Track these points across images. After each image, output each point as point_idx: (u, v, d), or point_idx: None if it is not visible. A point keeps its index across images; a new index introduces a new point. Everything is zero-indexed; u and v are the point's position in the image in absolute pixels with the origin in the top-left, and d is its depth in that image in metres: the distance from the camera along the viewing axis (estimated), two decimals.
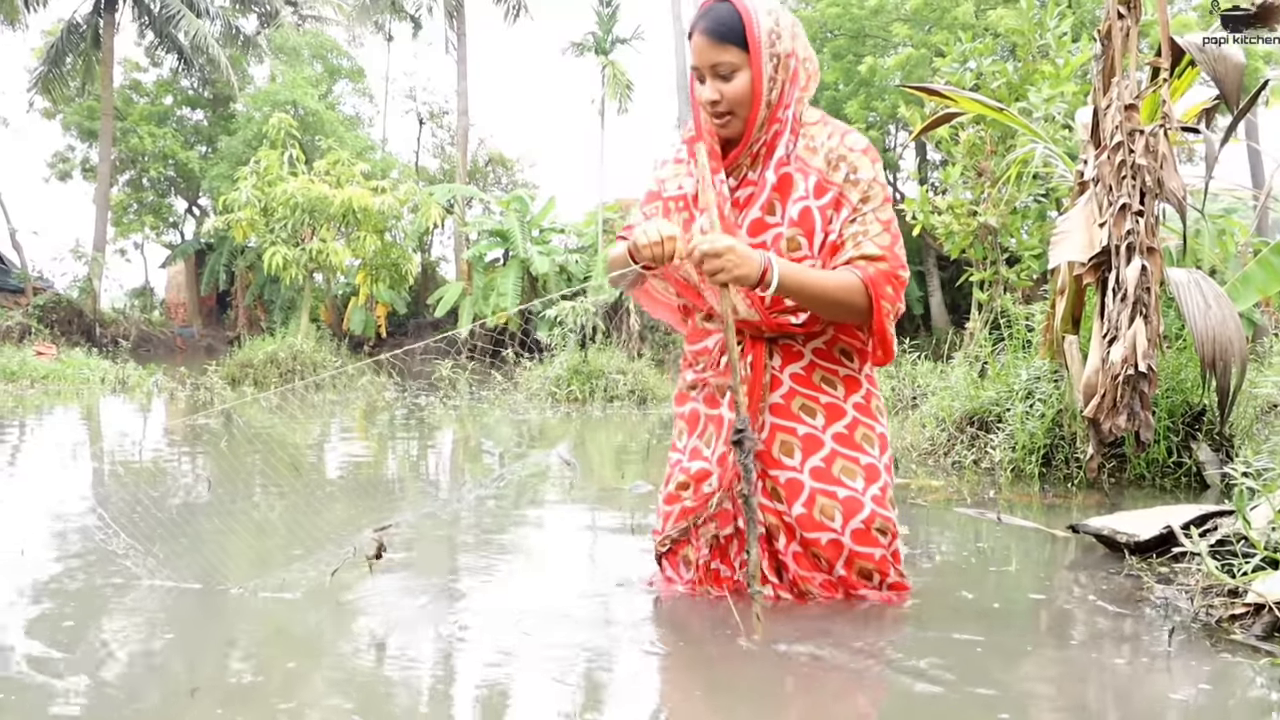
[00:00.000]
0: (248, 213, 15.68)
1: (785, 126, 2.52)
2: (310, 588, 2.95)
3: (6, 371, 12.39)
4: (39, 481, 5.49)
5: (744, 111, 2.49)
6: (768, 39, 2.44)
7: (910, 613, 2.61)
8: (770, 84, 2.47)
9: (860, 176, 2.49)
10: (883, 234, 2.49)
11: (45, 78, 30.15)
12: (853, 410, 2.64)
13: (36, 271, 28.91)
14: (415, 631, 2.56)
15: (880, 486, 2.62)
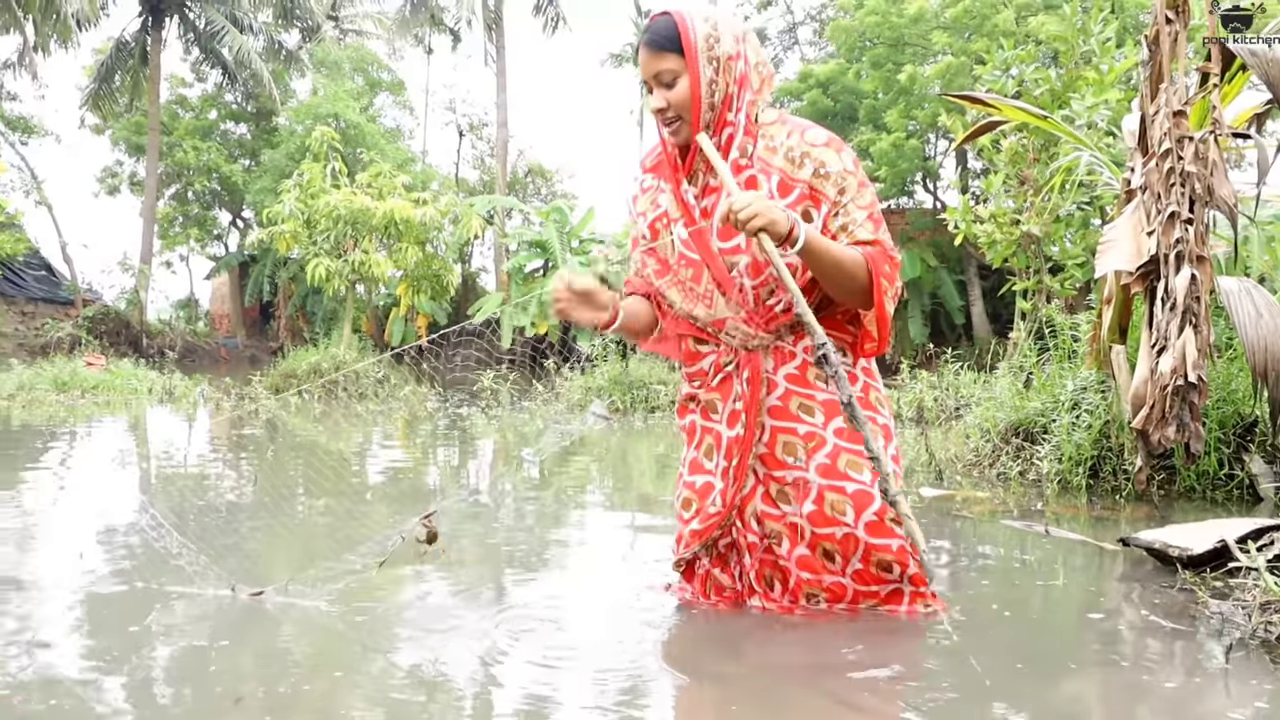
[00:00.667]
0: (291, 225, 15.82)
1: (738, 129, 2.55)
2: (356, 594, 2.96)
3: (58, 382, 12.56)
4: (94, 488, 5.57)
5: (689, 115, 2.53)
6: (704, 44, 2.49)
7: (949, 627, 2.58)
8: (710, 86, 2.51)
9: (830, 170, 2.52)
10: (867, 221, 2.52)
11: (95, 94, 30.62)
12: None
13: (86, 284, 29.37)
14: (455, 640, 2.56)
15: (887, 475, 2.61)
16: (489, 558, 3.70)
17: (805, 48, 31.43)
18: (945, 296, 22.51)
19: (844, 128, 23.67)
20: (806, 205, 2.51)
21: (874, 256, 2.48)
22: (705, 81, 2.50)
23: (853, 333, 2.68)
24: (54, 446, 7.64)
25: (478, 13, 30.65)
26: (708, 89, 2.50)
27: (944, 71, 19.46)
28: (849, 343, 2.68)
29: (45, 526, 4.32)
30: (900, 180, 22.29)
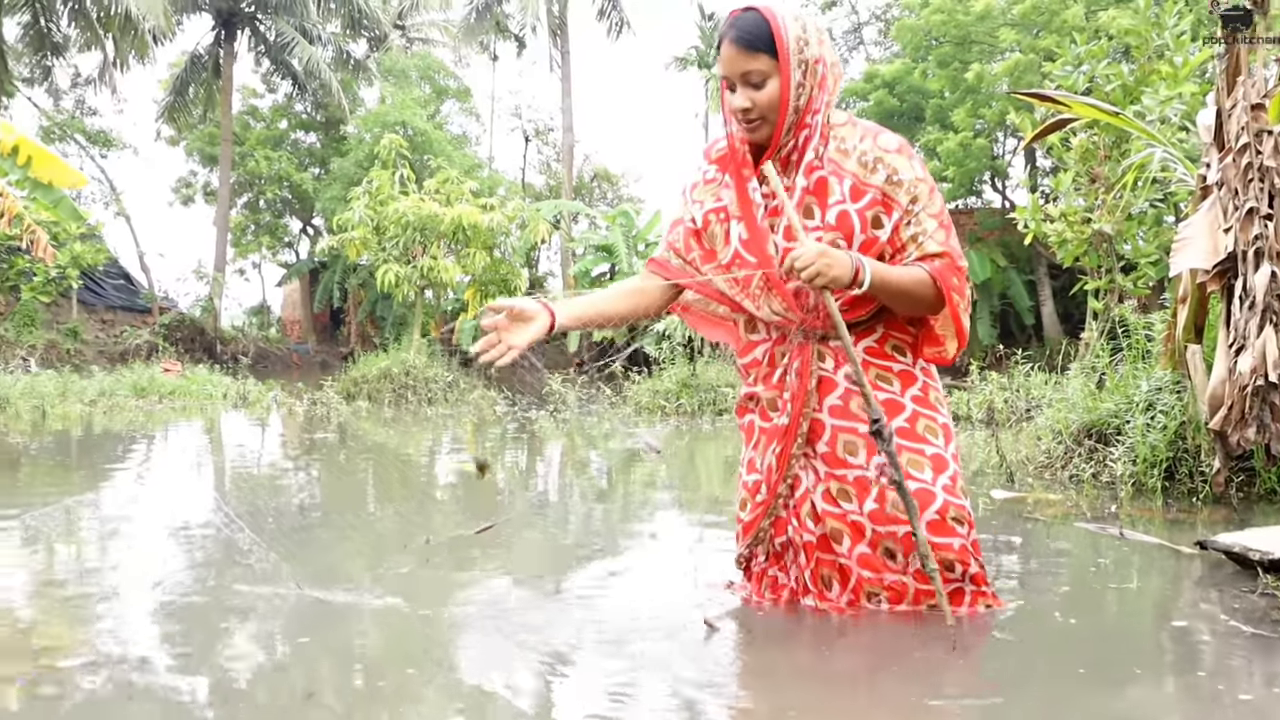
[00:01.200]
0: (360, 232, 16.04)
1: (814, 131, 2.54)
2: (426, 593, 3.00)
3: (137, 388, 12.85)
4: (172, 491, 5.69)
5: (773, 117, 2.51)
6: (796, 45, 2.46)
7: (1013, 631, 2.55)
8: (798, 90, 2.48)
9: (902, 177, 2.52)
10: (939, 230, 2.53)
11: (171, 107, 31.32)
12: (911, 403, 2.65)
13: (162, 292, 30.01)
14: (523, 638, 2.59)
15: (950, 476, 2.62)
16: (556, 557, 3.73)
17: (870, 48, 31.20)
18: (1014, 297, 22.21)
19: (910, 128, 23.46)
20: (878, 211, 2.51)
21: (942, 272, 2.50)
22: (794, 85, 2.47)
23: (913, 332, 2.68)
24: (134, 451, 7.82)
25: (542, 19, 30.85)
26: (795, 93, 2.48)
27: (1012, 69, 19.19)
28: (909, 343, 2.68)
29: (126, 527, 4.42)
30: (968, 180, 22.03)
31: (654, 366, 12.46)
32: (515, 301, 2.53)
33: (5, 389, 11.32)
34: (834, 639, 2.56)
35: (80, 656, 2.47)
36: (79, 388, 12.35)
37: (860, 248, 2.51)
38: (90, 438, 8.56)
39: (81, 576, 3.34)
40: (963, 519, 2.59)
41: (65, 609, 2.99)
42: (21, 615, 2.95)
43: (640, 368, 13.62)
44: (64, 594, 3.14)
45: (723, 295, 2.73)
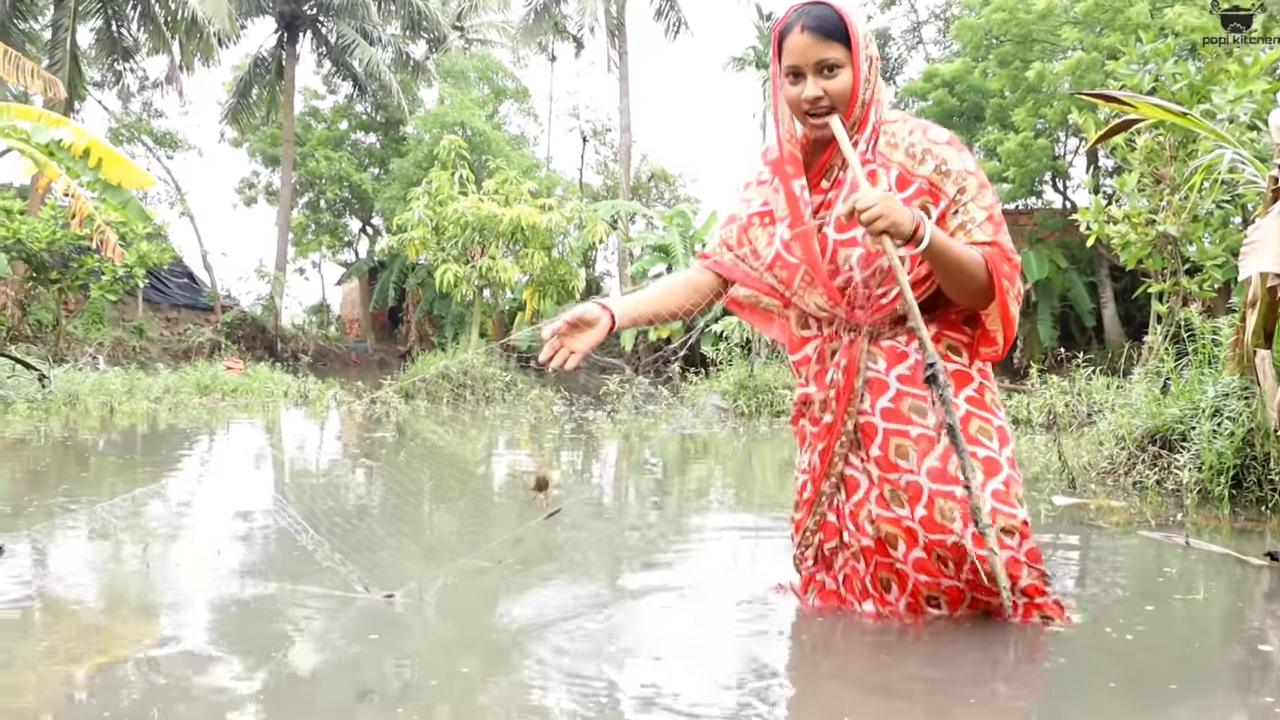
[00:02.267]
0: (420, 232, 16.18)
1: (869, 126, 2.56)
2: (483, 593, 3.03)
3: (200, 385, 13.06)
4: (233, 488, 5.79)
5: (843, 108, 2.51)
6: (864, 39, 2.49)
7: (1071, 641, 2.51)
8: (865, 83, 2.51)
9: (951, 168, 2.51)
10: (986, 223, 2.49)
11: (234, 109, 31.88)
12: (966, 404, 2.59)
13: (225, 290, 30.51)
14: (580, 639, 2.60)
15: (1002, 480, 2.54)
16: (611, 558, 3.74)
17: (930, 47, 30.92)
18: (1075, 299, 21.90)
19: (970, 127, 23.23)
20: (924, 200, 2.50)
21: (993, 256, 2.46)
22: (863, 78, 2.49)
23: (969, 333, 2.66)
24: (198, 448, 7.97)
25: (600, 20, 30.95)
26: (864, 85, 2.50)
27: (1074, 68, 18.91)
28: (964, 343, 2.65)
29: (189, 523, 4.51)
30: (1029, 180, 21.74)
31: (711, 368, 12.44)
32: (576, 310, 2.54)
33: (75, 385, 11.56)
34: (886, 643, 2.54)
35: (141, 650, 2.53)
36: (144, 385, 12.57)
37: (870, 265, 2.52)
38: (156, 434, 8.73)
39: (144, 570, 3.41)
40: (1013, 529, 2.51)
41: (128, 603, 3.06)
42: (85, 608, 3.02)
43: (697, 369, 13.60)
44: (126, 588, 3.21)
45: (772, 289, 2.73)
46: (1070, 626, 2.59)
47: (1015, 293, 2.52)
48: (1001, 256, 2.47)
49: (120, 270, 19.76)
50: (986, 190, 2.53)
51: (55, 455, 7.02)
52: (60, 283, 19.97)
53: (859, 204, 2.31)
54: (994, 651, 2.46)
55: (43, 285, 20.20)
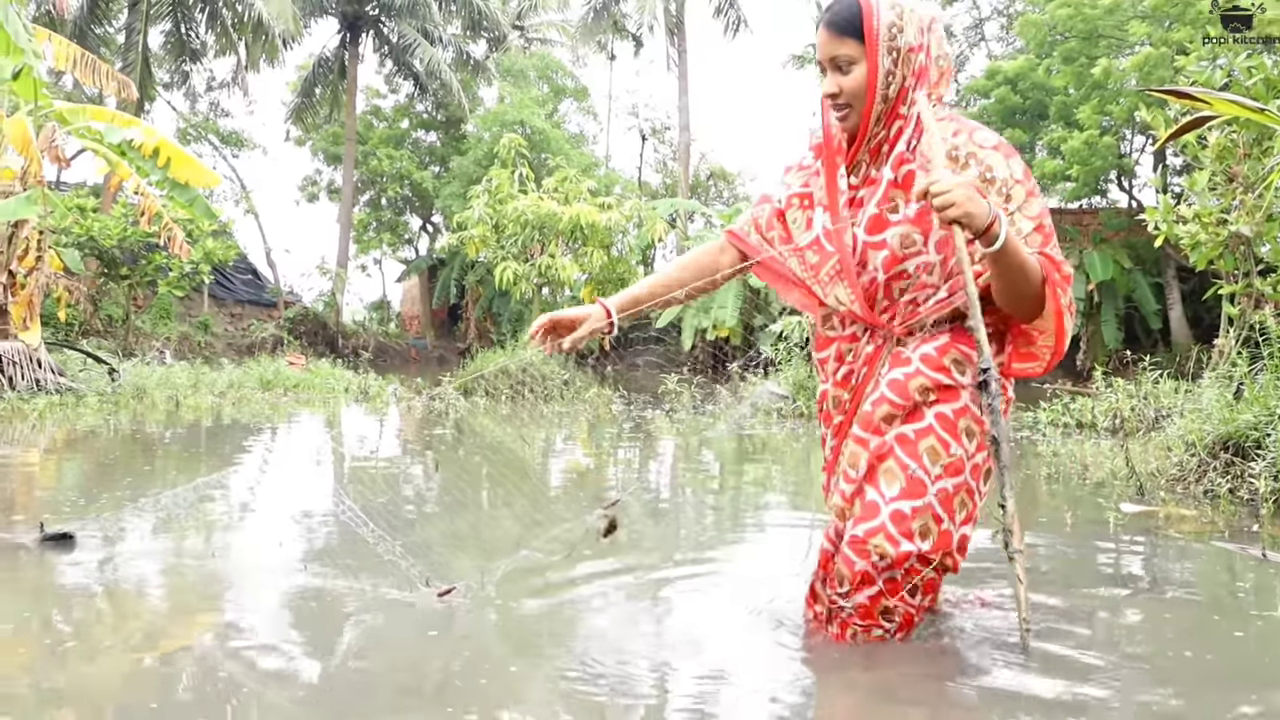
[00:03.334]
0: (480, 230, 16.30)
1: (908, 123, 2.47)
2: (533, 591, 3.06)
3: (263, 380, 13.26)
4: (294, 483, 5.88)
5: (860, 105, 2.45)
6: (887, 32, 2.40)
7: (1146, 651, 2.47)
8: (887, 78, 2.42)
9: (996, 175, 2.41)
10: (1035, 233, 2.39)
11: (298, 108, 32.36)
12: (933, 419, 2.46)
13: (288, 287, 30.92)
14: (629, 641, 2.62)
15: (911, 507, 2.39)
16: (665, 559, 3.74)
17: (992, 44, 30.57)
18: (1140, 300, 21.52)
19: (1033, 125, 22.94)
20: None
21: (1045, 265, 2.37)
22: (882, 73, 2.41)
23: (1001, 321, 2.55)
24: (261, 442, 8.10)
25: (659, 18, 30.97)
26: (883, 80, 2.42)
27: (1141, 64, 18.60)
28: (971, 360, 2.50)
29: (251, 516, 4.59)
30: (1093, 179, 21.39)
31: (770, 368, 12.39)
32: (560, 313, 2.63)
33: (143, 379, 11.79)
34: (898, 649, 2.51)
35: (199, 640, 2.60)
36: (209, 379, 12.78)
37: (938, 245, 2.44)
38: (221, 429, 8.87)
39: (208, 561, 3.47)
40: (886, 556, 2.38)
41: (190, 593, 3.13)
42: (148, 598, 3.08)
43: (756, 368, 13.56)
44: (190, 579, 3.27)
45: (796, 278, 2.69)
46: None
47: (1068, 303, 2.42)
48: (1053, 267, 2.37)
49: (187, 267, 20.15)
50: (1035, 199, 2.43)
51: (124, 448, 7.17)
52: (130, 279, 20.40)
53: (934, 186, 2.23)
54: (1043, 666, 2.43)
55: (113, 281, 20.64)
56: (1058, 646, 2.56)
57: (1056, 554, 3.88)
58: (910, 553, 2.38)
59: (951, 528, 2.42)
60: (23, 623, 2.78)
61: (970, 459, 2.45)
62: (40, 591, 3.13)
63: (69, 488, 5.37)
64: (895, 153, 2.47)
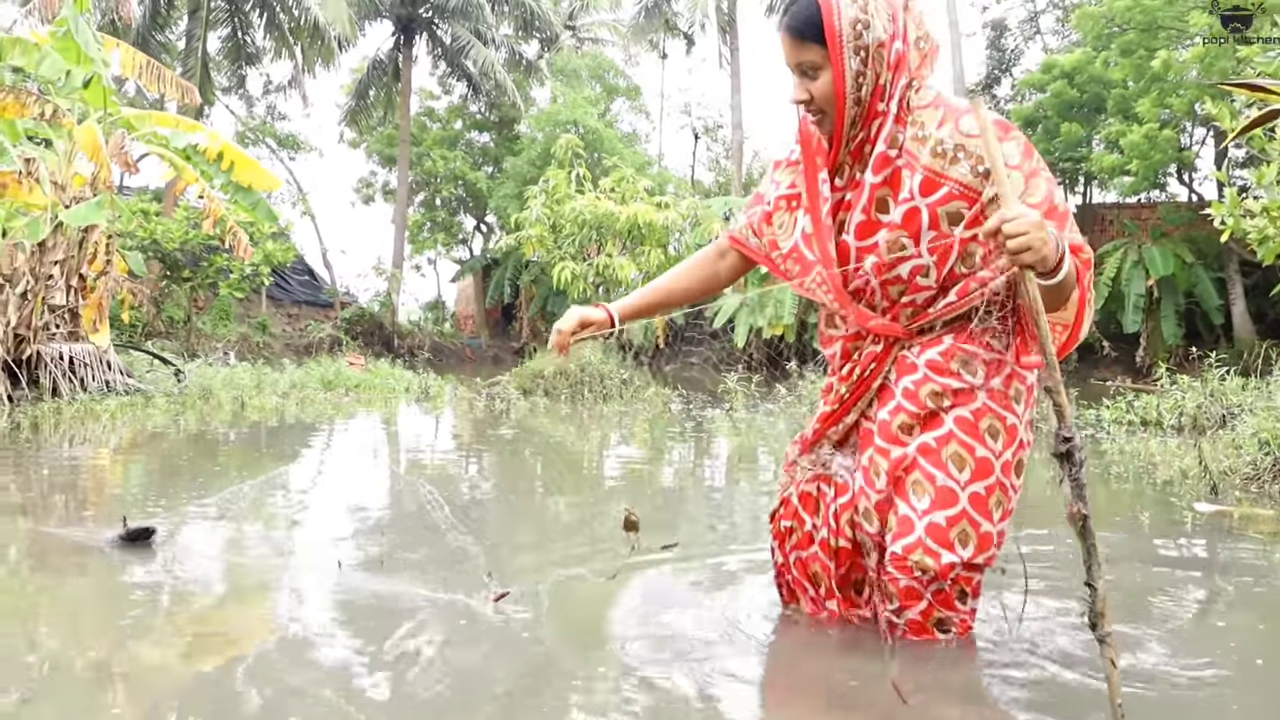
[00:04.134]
0: (537, 230, 16.41)
1: (888, 118, 2.33)
2: (586, 596, 3.10)
3: (325, 381, 13.43)
4: (368, 479, 5.96)
5: (832, 110, 2.34)
6: (851, 31, 2.26)
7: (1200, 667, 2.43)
8: (857, 79, 2.29)
9: (988, 167, 2.23)
10: (1045, 219, 2.18)
11: (353, 111, 32.73)
12: (953, 424, 2.40)
13: (344, 287, 31.29)
14: (673, 646, 2.64)
15: (949, 516, 2.35)
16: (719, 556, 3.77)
17: (1048, 37, 30.21)
18: (1202, 295, 21.17)
19: (1090, 119, 22.67)
20: (958, 206, 2.31)
21: (1079, 268, 2.22)
22: (851, 75, 2.29)
23: (993, 347, 2.44)
24: (326, 441, 8.22)
25: (711, 16, 30.94)
26: (853, 83, 2.29)
27: (1202, 55, 18.28)
28: (982, 358, 2.42)
29: (322, 517, 4.66)
30: (1152, 173, 21.07)
31: (829, 366, 12.33)
32: (569, 318, 2.67)
33: (208, 380, 12.00)
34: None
35: (259, 642, 2.66)
36: (271, 380, 12.97)
37: (930, 246, 2.33)
38: (286, 428, 9.00)
39: (287, 559, 3.55)
40: (928, 569, 2.35)
41: (249, 593, 3.19)
42: (209, 597, 3.16)
43: (813, 365, 13.53)
44: (261, 577, 3.34)
45: (789, 279, 2.61)
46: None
47: (1089, 288, 2.29)
48: (1073, 255, 2.19)
49: (248, 269, 20.47)
50: (1038, 179, 2.27)
51: (197, 447, 7.31)
52: (192, 281, 20.76)
53: (1007, 227, 2.02)
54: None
55: (175, 283, 21.03)
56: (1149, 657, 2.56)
57: (1136, 552, 3.86)
58: (953, 563, 2.35)
59: (991, 528, 2.38)
60: (98, 618, 2.87)
61: (999, 457, 2.38)
62: (114, 588, 3.20)
63: (146, 486, 5.49)
64: (877, 153, 2.35)
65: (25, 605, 3.01)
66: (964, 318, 2.41)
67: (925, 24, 2.37)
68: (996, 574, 2.70)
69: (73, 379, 10.56)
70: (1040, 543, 3.84)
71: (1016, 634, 2.61)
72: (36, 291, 10.61)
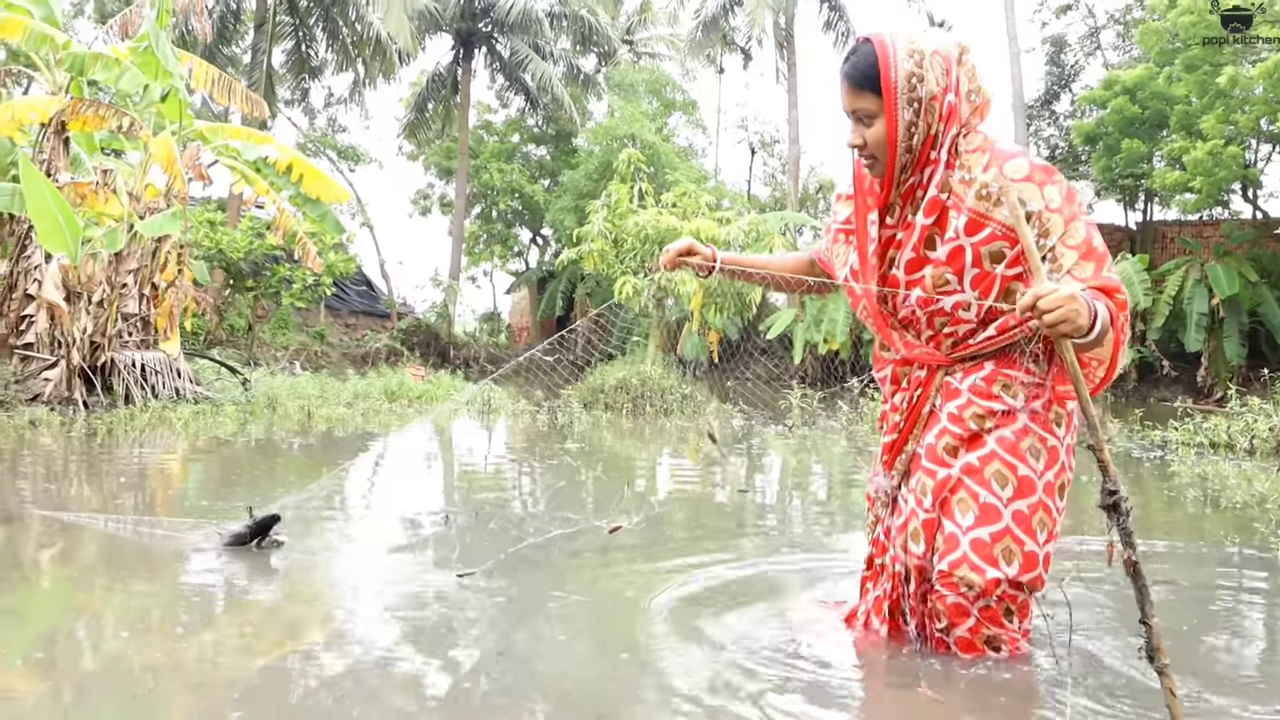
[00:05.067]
0: (599, 244, 16.49)
1: (940, 165, 2.46)
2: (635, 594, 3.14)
3: (388, 391, 13.60)
4: (428, 490, 6.05)
5: (884, 156, 2.47)
6: (906, 84, 2.40)
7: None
8: (909, 129, 2.43)
9: (1031, 209, 2.37)
10: (1083, 261, 2.35)
11: (411, 124, 33.12)
12: (994, 444, 2.50)
13: (401, 298, 31.62)
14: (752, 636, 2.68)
15: (989, 533, 2.45)
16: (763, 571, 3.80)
17: (1108, 52, 29.91)
18: (1266, 314, 20.82)
19: (1152, 135, 22.42)
20: (1000, 246, 2.43)
21: (1109, 306, 2.29)
22: (903, 125, 2.43)
23: (1035, 372, 2.54)
24: (397, 451, 8.33)
25: (769, 32, 30.93)
26: (905, 132, 2.43)
27: (1271, 70, 18.04)
28: (1022, 381, 2.52)
29: (391, 524, 4.75)
30: (1216, 190, 20.78)
31: (882, 392, 12.22)
32: (682, 241, 2.90)
33: (273, 389, 12.18)
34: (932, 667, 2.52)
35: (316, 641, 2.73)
36: (334, 390, 13.15)
37: (972, 283, 2.46)
38: (355, 437, 9.12)
39: (377, 561, 3.63)
40: (973, 585, 2.45)
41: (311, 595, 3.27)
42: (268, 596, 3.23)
43: (875, 385, 13.46)
44: (314, 584, 3.42)
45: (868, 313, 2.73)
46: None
47: (1123, 322, 2.37)
48: (1108, 297, 2.31)
49: (310, 279, 20.78)
50: (1077, 224, 2.38)
51: (274, 455, 7.46)
52: (255, 290, 21.09)
53: (1042, 302, 2.12)
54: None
55: (239, 292, 21.37)
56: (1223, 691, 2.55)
57: (1217, 579, 3.84)
58: (998, 579, 2.43)
59: (1035, 548, 2.46)
60: (195, 617, 2.97)
61: (1040, 477, 2.48)
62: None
63: (248, 486, 5.58)
64: (928, 197, 2.48)
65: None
66: (1006, 346, 2.53)
67: (978, 77, 2.49)
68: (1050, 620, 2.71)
69: (144, 386, 10.78)
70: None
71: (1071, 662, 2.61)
72: (112, 300, 10.85)
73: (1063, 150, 27.35)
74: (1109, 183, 24.18)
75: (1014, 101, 25.24)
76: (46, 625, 2.92)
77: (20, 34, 11.01)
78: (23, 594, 3.23)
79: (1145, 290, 21.20)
